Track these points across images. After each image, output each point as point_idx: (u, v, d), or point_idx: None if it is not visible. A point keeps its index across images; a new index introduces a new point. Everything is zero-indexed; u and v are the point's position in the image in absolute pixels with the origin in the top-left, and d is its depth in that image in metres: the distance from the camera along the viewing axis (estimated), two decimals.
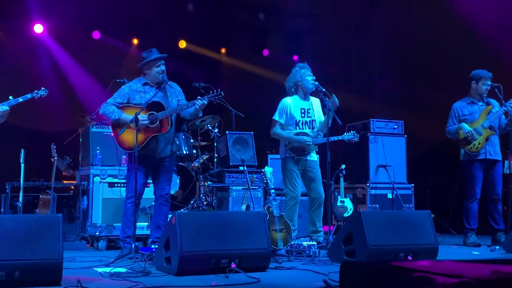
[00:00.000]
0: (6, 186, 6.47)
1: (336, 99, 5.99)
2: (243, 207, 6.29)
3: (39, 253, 3.88)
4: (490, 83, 6.71)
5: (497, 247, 6.18)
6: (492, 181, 6.70)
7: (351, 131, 6.32)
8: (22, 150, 6.25)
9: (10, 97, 5.16)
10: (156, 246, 5.08)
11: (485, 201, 6.74)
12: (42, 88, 5.36)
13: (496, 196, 6.67)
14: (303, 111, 6.20)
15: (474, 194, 6.71)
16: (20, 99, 5.18)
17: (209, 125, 7.72)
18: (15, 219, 4.16)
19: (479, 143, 6.64)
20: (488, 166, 6.70)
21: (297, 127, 6.16)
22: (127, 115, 5.35)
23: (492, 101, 6.78)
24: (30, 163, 6.36)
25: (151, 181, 5.76)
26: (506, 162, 6.76)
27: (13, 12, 9.17)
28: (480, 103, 6.82)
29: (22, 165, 6.21)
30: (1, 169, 6.78)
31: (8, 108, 5.11)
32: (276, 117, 6.19)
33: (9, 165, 6.55)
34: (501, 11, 7.98)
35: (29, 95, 5.28)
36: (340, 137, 6.20)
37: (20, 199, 6.20)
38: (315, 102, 6.26)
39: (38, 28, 9.37)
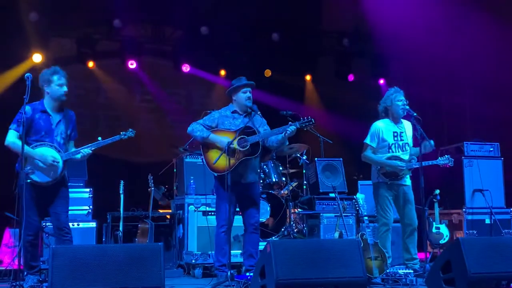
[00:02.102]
0: (107, 216, 6.81)
1: (433, 142, 5.93)
2: (336, 234, 6.25)
3: (143, 281, 4.04)
4: None
5: None
6: None
7: (445, 156, 6.17)
8: (122, 182, 6.57)
9: (99, 138, 5.35)
10: (251, 274, 5.15)
11: None
12: (130, 129, 5.53)
13: None
14: (395, 134, 6.13)
15: None
16: (109, 141, 5.37)
17: (297, 153, 7.78)
18: (119, 248, 4.37)
19: None
20: None
21: (390, 150, 6.09)
22: (216, 136, 5.51)
23: None
24: (129, 193, 6.67)
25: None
26: None
27: (108, 51, 9.72)
28: None
29: (122, 196, 6.52)
30: (103, 199, 7.12)
31: (90, 151, 5.24)
32: (367, 140, 6.14)
33: (110, 196, 6.88)
34: None
35: (117, 137, 5.42)
36: (434, 162, 6.07)
37: (121, 228, 6.50)
38: (407, 125, 6.19)
39: (132, 64, 9.84)
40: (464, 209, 7.45)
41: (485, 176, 7.56)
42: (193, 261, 6.32)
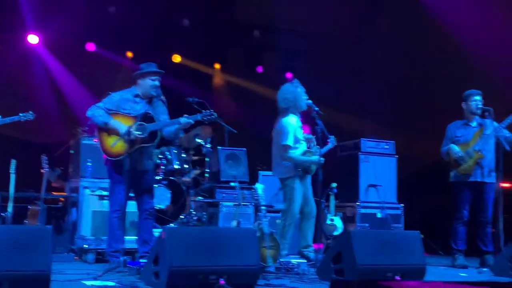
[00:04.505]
0: None
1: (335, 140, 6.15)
2: (234, 223, 6.28)
3: (27, 265, 3.84)
4: (480, 98, 6.72)
5: (485, 269, 6.20)
6: (481, 203, 6.71)
7: (332, 137, 6.32)
8: (13, 161, 6.25)
9: None
10: (145, 261, 5.06)
11: (475, 223, 6.77)
12: (30, 112, 5.37)
13: (485, 219, 6.69)
14: (301, 129, 6.25)
15: (462, 216, 6.74)
16: (7, 120, 5.16)
17: (201, 140, 7.72)
18: (4, 229, 4.15)
19: (469, 166, 6.67)
20: (478, 189, 6.72)
21: (299, 144, 6.17)
22: (116, 122, 5.38)
23: (488, 121, 6.68)
24: (21, 173, 6.35)
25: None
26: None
27: (7, 22, 9.20)
28: (474, 125, 6.84)
29: (13, 176, 6.21)
30: None
31: None
32: (289, 142, 6.07)
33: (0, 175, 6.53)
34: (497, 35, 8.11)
35: (16, 117, 5.28)
36: (326, 148, 6.23)
37: (9, 209, 6.19)
38: None
39: (33, 39, 9.39)
40: (357, 203, 7.72)
41: (379, 172, 7.86)
42: (85, 246, 6.15)
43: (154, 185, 6.93)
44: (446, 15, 8.65)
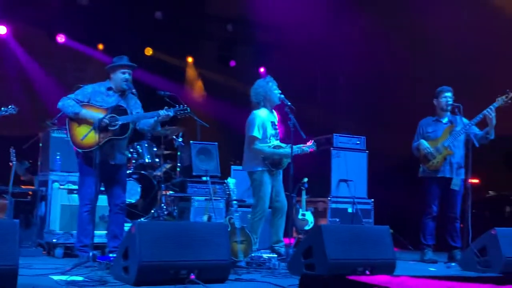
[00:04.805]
0: None
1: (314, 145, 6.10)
2: (205, 218, 6.26)
3: None
4: (450, 94, 6.81)
5: (453, 264, 6.29)
6: (450, 199, 6.81)
7: (312, 141, 6.33)
8: None
9: None
10: (114, 255, 5.01)
11: (444, 219, 6.86)
12: (11, 106, 5.25)
13: (454, 214, 6.79)
14: (272, 124, 6.23)
15: (431, 211, 6.83)
16: None
17: (173, 134, 7.68)
18: None
19: (437, 161, 6.76)
20: (446, 185, 6.81)
21: (269, 140, 6.15)
22: (87, 111, 5.33)
23: (458, 118, 6.75)
24: None
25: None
26: (454, 178, 6.83)
27: None
28: (445, 121, 6.93)
29: None
30: None
31: None
32: (255, 133, 6.05)
33: None
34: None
35: None
36: (305, 150, 6.23)
37: None
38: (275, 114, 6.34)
39: (1, 30, 9.21)
40: (329, 198, 7.74)
41: (350, 167, 7.89)
42: (54, 240, 6.06)
43: None
44: (420, 13, 8.73)
